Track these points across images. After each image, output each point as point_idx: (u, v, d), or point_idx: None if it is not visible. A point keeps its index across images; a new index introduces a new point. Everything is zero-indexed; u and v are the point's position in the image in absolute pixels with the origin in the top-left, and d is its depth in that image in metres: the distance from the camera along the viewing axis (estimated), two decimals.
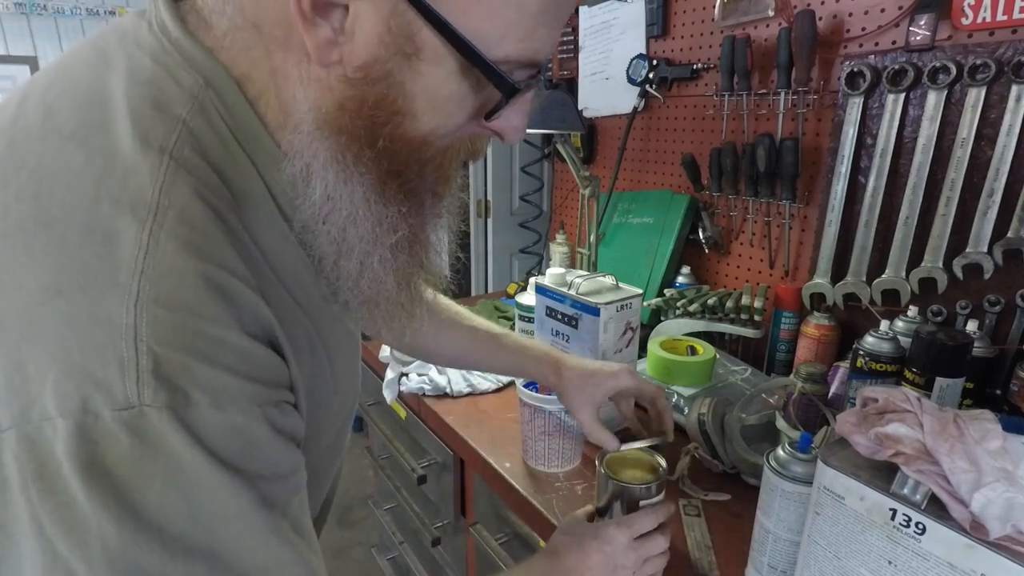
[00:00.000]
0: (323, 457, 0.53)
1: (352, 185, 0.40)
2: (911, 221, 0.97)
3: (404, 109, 0.39)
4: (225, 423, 0.34)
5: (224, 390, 0.34)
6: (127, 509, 0.31)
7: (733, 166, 1.22)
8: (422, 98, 0.39)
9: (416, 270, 0.47)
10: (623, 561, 0.63)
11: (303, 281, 0.44)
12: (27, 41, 2.45)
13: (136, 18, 0.41)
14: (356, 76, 0.37)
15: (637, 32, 1.42)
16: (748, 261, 1.30)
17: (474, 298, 1.70)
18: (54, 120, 0.37)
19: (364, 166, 0.40)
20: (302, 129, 0.39)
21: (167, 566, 0.32)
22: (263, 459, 0.36)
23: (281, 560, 0.37)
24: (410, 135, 0.40)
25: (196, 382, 0.33)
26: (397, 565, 1.55)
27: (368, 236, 0.42)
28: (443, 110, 0.40)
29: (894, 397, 0.52)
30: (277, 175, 0.41)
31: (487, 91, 0.40)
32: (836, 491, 0.53)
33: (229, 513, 0.34)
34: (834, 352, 1.07)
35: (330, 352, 0.48)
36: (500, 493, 0.92)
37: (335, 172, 0.40)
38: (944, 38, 0.92)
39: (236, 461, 0.34)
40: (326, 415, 0.49)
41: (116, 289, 0.32)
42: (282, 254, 0.42)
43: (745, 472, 0.85)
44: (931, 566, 0.47)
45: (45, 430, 0.31)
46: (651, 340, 1.10)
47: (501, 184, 2.26)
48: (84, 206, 0.34)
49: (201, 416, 0.33)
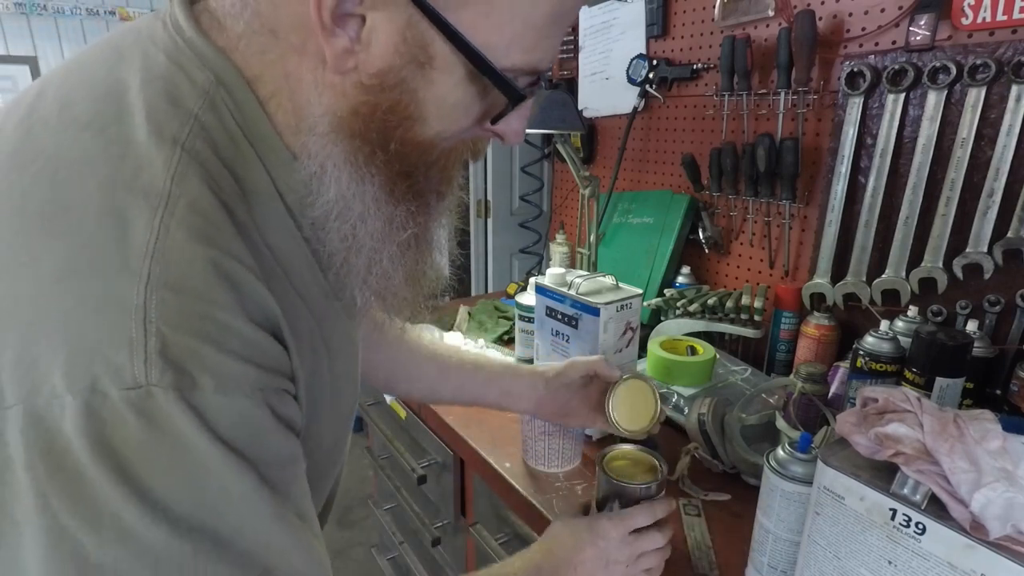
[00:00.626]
0: (323, 460, 0.53)
1: (364, 185, 0.42)
2: (911, 221, 0.97)
3: (415, 114, 0.41)
4: (229, 407, 0.35)
5: (229, 374, 0.35)
6: (134, 488, 0.32)
7: (733, 166, 1.22)
8: (432, 104, 0.41)
9: (422, 267, 0.48)
10: (616, 556, 0.63)
11: (307, 278, 0.45)
12: (27, 41, 2.45)
13: (151, 18, 0.43)
14: (371, 83, 0.39)
15: (637, 32, 1.42)
16: (748, 261, 1.30)
17: (474, 298, 1.70)
18: (71, 111, 0.38)
19: (376, 167, 0.42)
20: (317, 131, 0.41)
21: (173, 544, 0.33)
22: (265, 444, 0.37)
23: (284, 542, 0.38)
24: (419, 138, 0.42)
25: (202, 365, 0.34)
26: (397, 565, 1.55)
27: (378, 234, 0.44)
28: (451, 115, 0.42)
29: (894, 397, 0.52)
30: (285, 174, 0.42)
31: (492, 97, 0.42)
32: (836, 491, 0.53)
33: (233, 495, 0.35)
34: (834, 352, 1.07)
35: (331, 351, 0.49)
36: (500, 493, 0.92)
37: (348, 173, 0.42)
38: (944, 38, 0.92)
39: (240, 445, 0.35)
40: (325, 415, 0.49)
41: (127, 272, 0.33)
42: (288, 251, 0.43)
43: (745, 472, 0.85)
44: (931, 566, 0.47)
45: (53, 408, 0.32)
46: (651, 340, 1.10)
47: (501, 184, 2.26)
48: (99, 192, 0.35)
49: (206, 399, 0.33)
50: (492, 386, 0.81)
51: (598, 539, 0.63)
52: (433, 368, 0.81)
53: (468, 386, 0.81)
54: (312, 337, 0.46)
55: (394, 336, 0.79)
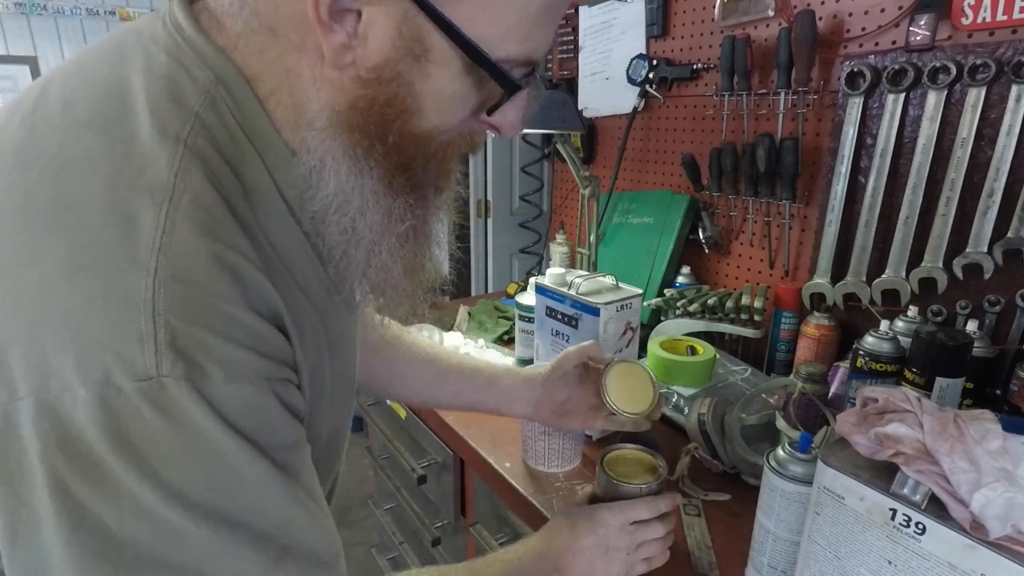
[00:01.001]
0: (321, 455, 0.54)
1: (363, 179, 0.43)
2: (911, 221, 0.97)
3: (412, 107, 0.41)
4: (238, 395, 0.36)
5: (237, 364, 0.36)
6: (150, 476, 0.33)
7: (733, 166, 1.22)
8: (429, 97, 0.41)
9: (421, 260, 0.49)
10: (616, 543, 0.63)
11: (309, 273, 0.46)
12: (27, 41, 2.45)
13: (152, 18, 0.44)
14: (368, 77, 0.40)
15: (637, 32, 1.42)
16: (748, 261, 1.30)
17: (474, 298, 1.70)
18: (73, 111, 0.39)
19: (375, 161, 0.42)
20: (315, 126, 0.41)
21: (190, 529, 0.34)
22: (273, 430, 0.38)
23: (299, 521, 0.39)
24: (416, 131, 0.43)
25: (211, 355, 0.34)
26: (397, 565, 1.55)
27: (377, 226, 0.44)
28: (448, 107, 0.43)
29: (894, 397, 0.52)
30: (285, 171, 0.43)
31: (487, 88, 0.43)
32: (836, 491, 0.53)
33: (247, 480, 0.36)
34: (834, 352, 1.07)
35: (332, 345, 0.49)
36: (500, 493, 0.92)
37: (347, 166, 0.42)
38: (944, 38, 0.92)
39: (250, 431, 0.36)
40: (325, 408, 0.50)
41: (135, 266, 0.34)
42: (288, 247, 0.43)
43: (745, 472, 0.85)
44: (931, 566, 0.47)
45: (65, 400, 0.32)
46: (651, 340, 1.10)
47: (501, 184, 2.26)
48: (104, 190, 0.36)
49: (216, 388, 0.34)
50: (491, 390, 0.80)
51: (597, 527, 0.63)
52: (431, 371, 0.80)
53: (466, 391, 0.81)
54: (315, 331, 0.46)
55: (393, 337, 0.79)
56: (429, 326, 1.29)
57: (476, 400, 0.81)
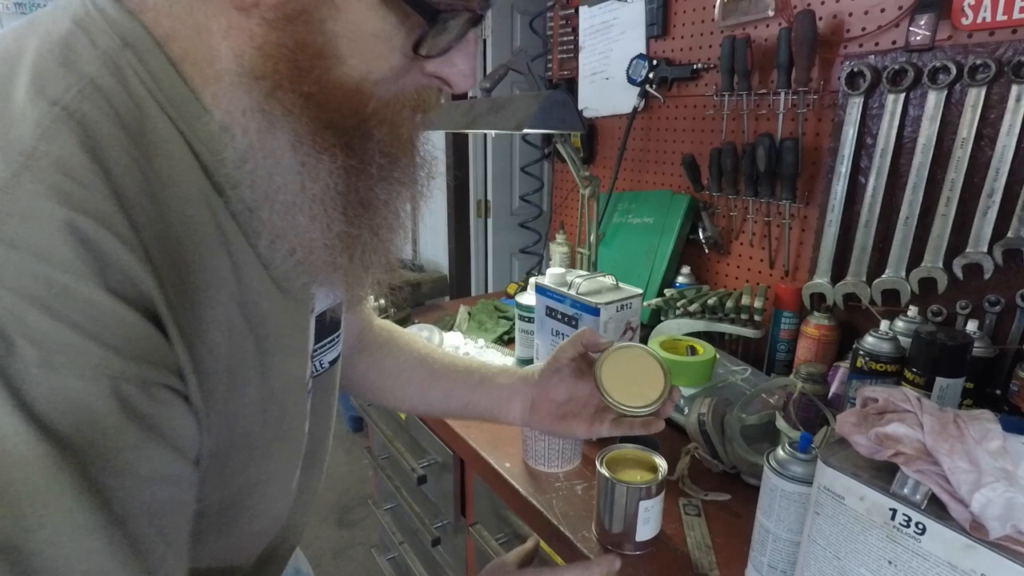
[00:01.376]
0: (248, 498, 0.47)
1: (276, 133, 0.38)
2: (911, 221, 0.98)
3: (328, 51, 0.38)
4: (55, 385, 0.30)
5: (61, 347, 0.31)
6: None
7: (733, 166, 1.22)
8: (345, 37, 0.37)
9: (360, 232, 0.43)
10: None
11: (231, 253, 0.41)
12: None
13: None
14: (273, 17, 0.36)
15: (637, 32, 1.42)
16: (748, 261, 1.30)
17: (474, 298, 1.70)
18: None
19: (291, 114, 0.38)
20: (224, 79, 0.38)
21: None
22: (102, 443, 0.32)
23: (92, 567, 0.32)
24: (341, 80, 0.39)
25: (26, 331, 0.30)
26: (397, 565, 1.55)
27: (293, 186, 0.40)
28: (371, 50, 0.38)
29: (894, 397, 0.52)
30: (204, 135, 0.39)
31: (413, 22, 0.38)
32: (836, 491, 0.53)
33: (39, 490, 0.29)
34: (834, 352, 1.07)
35: (262, 343, 0.43)
36: (500, 493, 0.92)
37: (258, 121, 0.38)
38: (944, 38, 0.92)
39: (63, 432, 0.30)
40: (256, 433, 0.44)
41: None
42: (201, 222, 0.39)
43: (745, 472, 0.85)
44: (931, 566, 0.47)
45: None
46: (651, 340, 1.10)
47: (501, 184, 2.26)
48: None
49: (25, 370, 0.30)
50: (483, 389, 0.72)
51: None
52: (423, 371, 0.74)
53: (457, 390, 0.73)
54: (229, 325, 0.40)
55: (384, 339, 0.75)
56: (429, 326, 1.29)
57: (468, 401, 0.72)
